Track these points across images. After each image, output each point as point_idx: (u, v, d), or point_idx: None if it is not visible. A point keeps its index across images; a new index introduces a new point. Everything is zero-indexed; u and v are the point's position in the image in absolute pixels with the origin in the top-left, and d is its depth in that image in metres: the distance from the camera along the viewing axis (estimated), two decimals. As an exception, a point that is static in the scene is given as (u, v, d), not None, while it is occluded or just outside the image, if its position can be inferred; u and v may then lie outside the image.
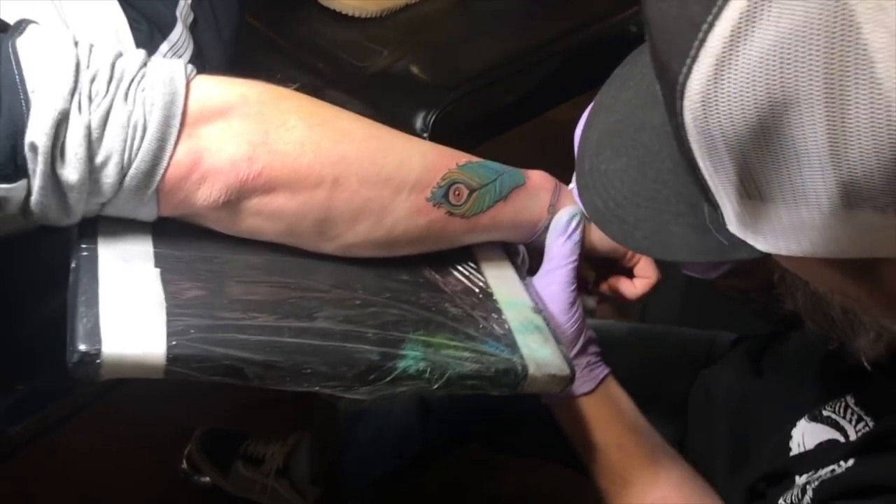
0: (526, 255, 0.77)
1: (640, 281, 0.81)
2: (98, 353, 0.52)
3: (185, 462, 1.52)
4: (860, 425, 0.65)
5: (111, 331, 0.54)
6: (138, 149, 0.57)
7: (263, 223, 0.63)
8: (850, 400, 0.67)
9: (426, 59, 1.22)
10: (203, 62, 0.97)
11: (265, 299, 0.61)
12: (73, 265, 0.59)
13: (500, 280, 0.74)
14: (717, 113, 0.39)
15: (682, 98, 0.40)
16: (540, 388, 0.67)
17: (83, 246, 0.60)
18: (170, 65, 0.60)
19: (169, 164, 0.58)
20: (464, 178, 0.69)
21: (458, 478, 1.50)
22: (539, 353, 0.67)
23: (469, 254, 0.75)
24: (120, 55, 0.59)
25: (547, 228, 0.75)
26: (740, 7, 0.37)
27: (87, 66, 0.56)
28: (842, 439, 0.67)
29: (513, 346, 0.67)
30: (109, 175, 0.56)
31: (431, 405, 1.10)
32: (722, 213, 0.45)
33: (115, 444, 1.49)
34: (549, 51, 1.28)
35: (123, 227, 0.61)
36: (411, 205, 0.67)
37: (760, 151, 0.39)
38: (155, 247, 0.62)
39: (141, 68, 0.59)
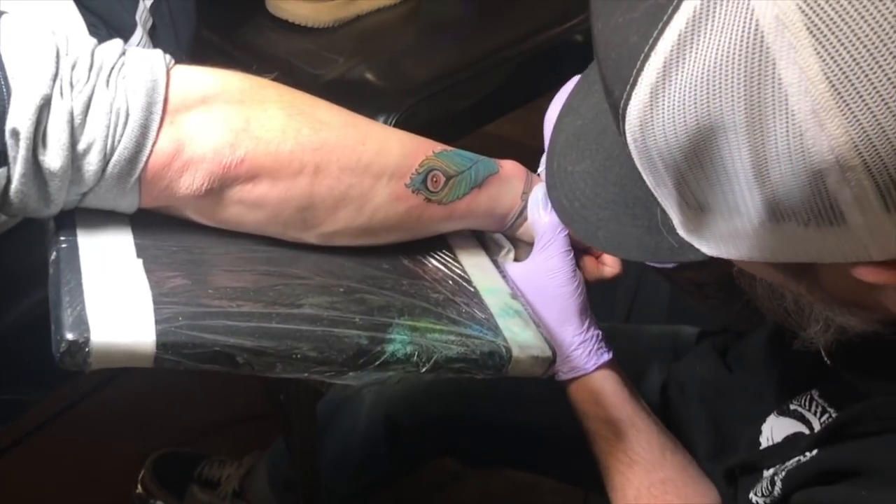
0: (512, 246, 0.78)
1: (605, 267, 0.82)
2: (87, 342, 0.51)
3: (139, 487, 1.47)
4: (824, 417, 0.67)
5: (98, 319, 0.52)
6: (121, 136, 0.56)
7: (245, 212, 0.63)
8: (815, 393, 0.69)
9: (381, 66, 1.22)
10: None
11: (250, 287, 0.60)
12: (51, 257, 0.58)
13: (478, 268, 0.75)
14: (654, 136, 0.43)
15: (623, 121, 0.44)
16: (523, 371, 0.67)
17: (62, 238, 0.58)
18: (148, 53, 0.60)
19: (151, 151, 0.57)
20: (441, 165, 0.70)
21: (421, 484, 1.49)
22: (521, 336, 0.68)
23: (445, 243, 0.76)
24: (97, 44, 0.58)
25: (519, 216, 0.76)
26: (672, 40, 0.41)
27: (67, 54, 0.56)
28: (807, 431, 0.68)
29: (495, 329, 0.67)
30: (92, 162, 0.56)
31: (401, 422, 1.09)
32: (670, 218, 0.49)
33: (66, 471, 1.45)
34: (501, 57, 1.30)
35: (102, 219, 0.60)
36: (391, 191, 0.67)
37: (694, 170, 0.43)
38: (135, 238, 0.60)
39: (120, 56, 0.58)
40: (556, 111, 0.76)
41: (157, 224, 0.62)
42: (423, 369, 0.62)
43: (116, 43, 0.59)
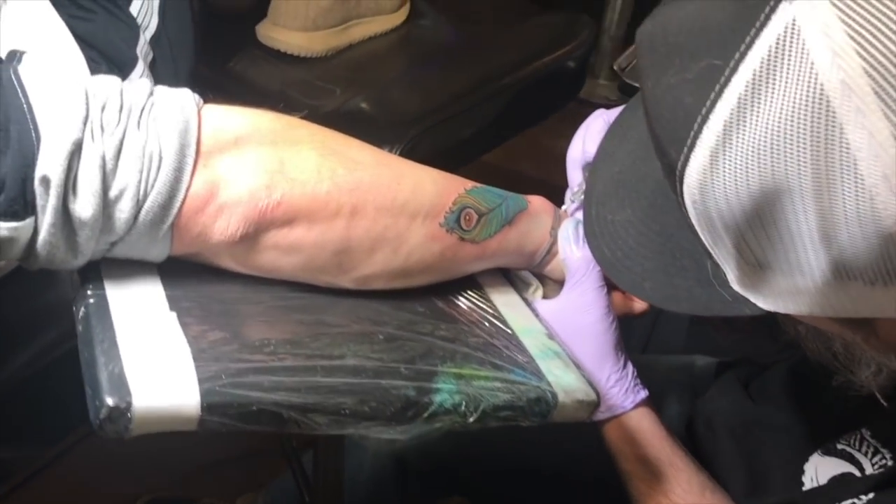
0: (539, 283, 0.76)
1: (635, 303, 0.80)
2: (129, 407, 0.48)
3: (129, 533, 1.42)
4: (877, 458, 0.66)
5: (139, 381, 0.49)
6: (154, 180, 0.53)
7: (280, 257, 0.59)
8: (866, 433, 0.68)
9: (378, 96, 1.20)
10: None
11: (289, 338, 0.57)
12: (80, 314, 0.54)
13: (510, 308, 0.72)
14: (714, 199, 0.42)
15: (681, 183, 0.44)
16: (568, 416, 0.65)
17: (90, 293, 0.55)
18: (178, 93, 0.56)
19: (186, 196, 0.54)
20: (473, 203, 0.67)
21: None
22: (564, 380, 0.65)
23: (475, 282, 0.73)
24: (123, 84, 0.55)
25: (548, 252, 0.74)
26: (731, 102, 0.40)
27: (95, 95, 0.52)
28: (858, 473, 0.67)
29: (538, 373, 0.65)
30: (124, 209, 0.52)
31: (410, 462, 1.06)
32: (724, 272, 0.48)
33: (55, 521, 1.39)
34: (499, 86, 1.28)
35: (129, 269, 0.57)
36: (426, 231, 0.64)
37: (755, 231, 0.43)
38: (165, 289, 0.57)
39: (149, 97, 0.55)
40: (578, 149, 0.75)
41: (186, 273, 0.59)
42: (471, 419, 0.59)
43: (144, 83, 0.56)
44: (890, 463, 0.63)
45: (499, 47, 1.38)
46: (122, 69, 0.86)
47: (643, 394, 0.74)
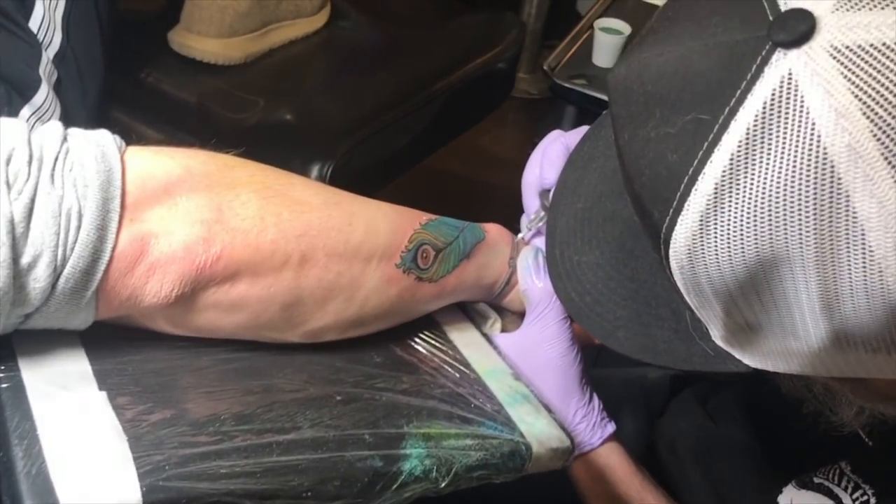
0: (498, 316, 0.71)
1: None
2: None
3: None
4: (858, 493, 0.63)
5: (66, 481, 0.42)
6: (74, 242, 0.45)
7: (222, 316, 0.53)
8: (846, 466, 0.65)
9: (304, 107, 1.13)
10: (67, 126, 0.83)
11: (238, 412, 0.50)
12: None
13: (472, 348, 0.67)
14: (705, 265, 0.39)
15: (666, 246, 0.40)
16: (544, 466, 0.60)
17: (1, 374, 0.47)
18: (96, 137, 0.49)
19: (112, 256, 0.47)
20: (429, 239, 0.62)
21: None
22: (536, 427, 0.61)
23: (432, 320, 0.67)
24: (32, 127, 0.47)
25: (507, 284, 0.69)
26: (723, 163, 0.37)
27: None
28: None
29: (509, 423, 0.60)
30: (39, 278, 0.44)
31: None
32: (707, 328, 0.45)
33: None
34: (430, 92, 1.23)
35: (46, 342, 0.49)
36: (382, 274, 0.58)
37: (749, 297, 0.40)
38: (91, 362, 0.49)
39: (62, 143, 0.47)
40: (534, 174, 0.70)
41: (114, 339, 0.51)
42: (443, 483, 0.54)
43: (55, 126, 0.48)
44: (872, 500, 0.61)
45: (426, 50, 1.32)
46: (24, 93, 0.77)
47: (610, 428, 0.70)
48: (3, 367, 0.47)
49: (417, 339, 0.65)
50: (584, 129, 0.64)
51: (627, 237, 0.50)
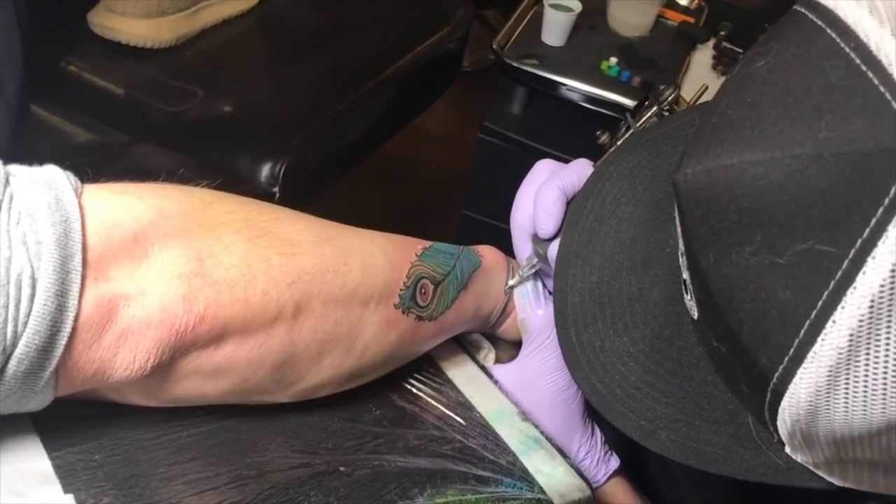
0: (491, 346, 0.64)
1: None
2: None
3: None
4: None
5: None
6: (27, 314, 0.36)
7: (203, 384, 0.44)
8: None
9: (249, 98, 1.03)
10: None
11: (230, 502, 0.42)
12: None
13: (472, 385, 0.60)
14: (829, 421, 0.34)
15: (777, 396, 0.35)
16: None
17: None
18: (46, 177, 0.40)
19: (75, 327, 0.38)
20: (427, 271, 0.54)
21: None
22: (555, 478, 0.55)
23: (426, 356, 0.60)
24: None
25: (502, 312, 0.62)
26: (860, 308, 0.30)
27: None
28: None
29: (526, 476, 0.53)
30: None
31: None
32: (779, 437, 0.39)
33: None
34: (381, 79, 1.13)
35: (-6, 427, 0.40)
36: (381, 318, 0.51)
37: (872, 443, 0.34)
38: (50, 453, 0.41)
39: (5, 187, 0.38)
40: (526, 216, 0.61)
41: (74, 417, 0.42)
42: None
43: (-5, 165, 0.39)
44: None
45: (369, 30, 1.23)
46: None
47: (615, 462, 0.65)
48: (-60, 473, 0.38)
49: (414, 381, 0.57)
50: (576, 166, 0.57)
51: (665, 325, 0.44)
